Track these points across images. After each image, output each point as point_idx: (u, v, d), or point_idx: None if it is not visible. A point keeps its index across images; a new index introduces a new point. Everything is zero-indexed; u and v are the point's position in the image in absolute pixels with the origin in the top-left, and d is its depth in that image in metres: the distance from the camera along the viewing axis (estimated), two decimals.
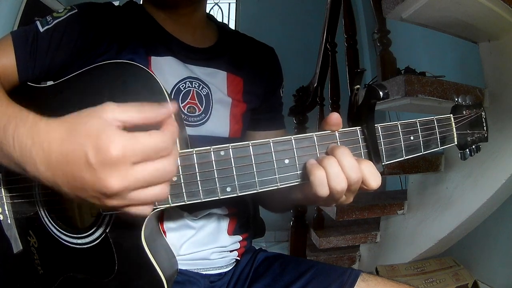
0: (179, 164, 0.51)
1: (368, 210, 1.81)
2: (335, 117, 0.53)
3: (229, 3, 3.88)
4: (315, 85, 2.12)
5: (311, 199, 0.55)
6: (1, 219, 0.66)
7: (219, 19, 3.56)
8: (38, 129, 0.44)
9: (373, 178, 0.51)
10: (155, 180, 0.42)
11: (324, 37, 2.09)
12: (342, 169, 0.49)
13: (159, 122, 0.44)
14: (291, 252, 2.05)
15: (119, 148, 0.40)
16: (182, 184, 0.51)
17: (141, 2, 0.82)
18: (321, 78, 2.12)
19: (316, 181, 0.50)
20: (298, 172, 0.53)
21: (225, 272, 0.81)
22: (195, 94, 0.75)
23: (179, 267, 0.68)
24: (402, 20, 1.43)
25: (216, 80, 0.79)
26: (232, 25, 3.76)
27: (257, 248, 0.89)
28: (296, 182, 0.53)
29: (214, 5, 3.82)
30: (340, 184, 0.50)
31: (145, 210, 0.45)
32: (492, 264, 1.66)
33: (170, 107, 0.44)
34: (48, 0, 2.69)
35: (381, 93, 0.49)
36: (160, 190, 0.43)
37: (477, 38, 1.55)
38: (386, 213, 1.86)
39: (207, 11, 0.88)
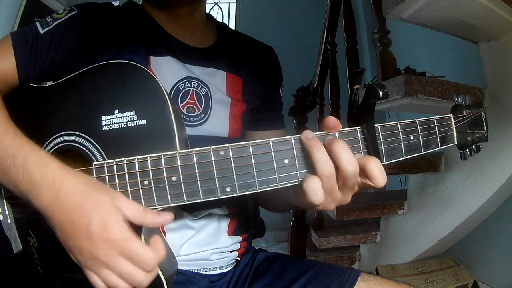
0: (179, 164, 0.51)
1: (368, 210, 1.81)
2: (332, 121, 0.52)
3: (229, 3, 3.87)
4: (315, 85, 2.12)
5: (308, 206, 0.54)
6: (1, 219, 0.66)
7: (219, 19, 3.56)
8: (50, 168, 0.49)
9: (381, 174, 0.50)
10: (125, 278, 0.47)
11: (324, 37, 2.09)
12: (339, 162, 0.49)
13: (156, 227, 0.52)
14: (291, 252, 2.05)
15: (118, 234, 0.46)
16: (182, 184, 0.51)
17: (140, 2, 0.82)
18: (321, 78, 2.12)
19: (309, 189, 0.49)
20: (298, 172, 0.52)
21: (225, 272, 0.81)
22: (194, 94, 0.75)
23: (179, 267, 0.68)
24: (402, 20, 1.43)
25: (216, 80, 0.79)
26: (232, 25, 3.75)
27: (257, 248, 0.89)
28: (296, 182, 0.52)
29: (214, 5, 3.82)
30: (328, 170, 0.49)
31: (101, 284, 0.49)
32: (492, 264, 1.66)
33: (167, 219, 0.50)
34: (48, 0, 2.69)
35: (380, 92, 0.49)
36: (121, 285, 0.48)
37: (477, 38, 1.55)
38: (386, 213, 1.86)
39: (207, 11, 0.88)
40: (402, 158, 0.56)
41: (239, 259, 0.84)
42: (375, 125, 0.54)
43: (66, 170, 0.50)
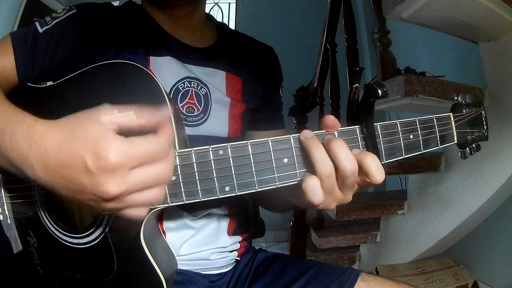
0: (178, 163, 0.51)
1: (368, 210, 1.81)
2: (331, 120, 0.52)
3: (229, 3, 3.87)
4: (315, 85, 2.12)
5: (308, 206, 0.54)
6: (1, 219, 0.66)
7: (219, 19, 3.56)
8: (35, 134, 0.45)
9: (379, 171, 0.49)
10: (152, 184, 0.44)
11: (324, 37, 2.09)
12: (338, 161, 0.49)
13: (156, 125, 0.44)
14: (291, 252, 2.05)
15: (117, 154, 0.40)
16: (181, 183, 0.51)
17: (140, 3, 0.82)
18: (321, 78, 2.13)
19: (308, 188, 0.49)
20: (297, 171, 0.52)
21: (225, 272, 0.81)
22: (193, 94, 0.75)
23: (178, 267, 0.68)
24: (402, 20, 1.44)
25: (215, 80, 0.79)
26: (232, 25, 3.75)
27: (257, 248, 0.89)
28: (295, 181, 0.52)
29: (214, 5, 3.82)
30: (327, 170, 0.49)
31: (141, 212, 0.46)
32: (492, 264, 1.66)
33: (166, 110, 0.45)
34: (48, 0, 2.69)
35: (379, 91, 0.49)
36: (156, 193, 0.44)
37: (477, 38, 1.55)
38: (386, 213, 1.86)
39: (207, 11, 0.88)
40: (402, 157, 0.56)
41: (239, 259, 0.84)
42: (375, 124, 0.54)
43: (46, 126, 0.45)
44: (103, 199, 0.42)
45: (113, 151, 0.40)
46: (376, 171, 0.49)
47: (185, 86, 0.74)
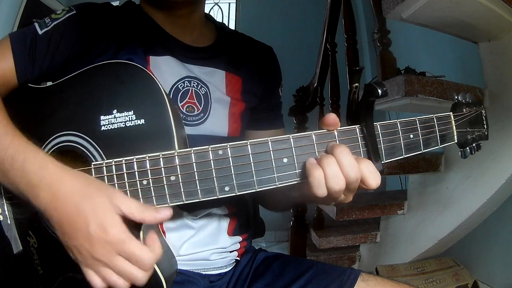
0: (177, 163, 0.51)
1: (368, 210, 1.81)
2: (332, 118, 0.53)
3: (229, 3, 3.87)
4: (315, 85, 2.12)
5: (310, 198, 0.55)
6: (1, 219, 0.66)
7: (219, 19, 3.55)
8: (48, 170, 0.50)
9: (372, 177, 0.50)
10: (124, 276, 0.49)
11: (324, 37, 2.09)
12: (341, 168, 0.49)
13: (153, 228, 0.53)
14: (291, 252, 2.05)
15: (116, 235, 0.47)
16: (180, 183, 0.51)
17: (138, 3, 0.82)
18: (321, 78, 2.12)
19: (315, 182, 0.50)
20: (297, 171, 0.52)
21: (225, 272, 0.81)
22: (193, 94, 0.75)
23: (178, 267, 0.68)
24: (402, 20, 1.43)
25: (215, 79, 0.79)
26: (232, 25, 3.75)
27: (257, 248, 0.89)
28: (295, 181, 0.52)
29: (214, 5, 3.82)
30: (339, 184, 0.50)
31: (98, 282, 0.50)
32: (492, 264, 1.66)
33: (166, 215, 0.50)
34: (48, 0, 2.69)
35: (379, 91, 0.49)
36: (120, 282, 0.49)
37: (477, 38, 1.55)
38: (386, 213, 1.86)
39: (207, 11, 0.88)
40: (402, 157, 0.56)
41: (239, 259, 0.84)
42: (375, 123, 0.54)
43: (64, 170, 0.50)
44: (89, 255, 0.48)
45: (114, 231, 0.47)
46: (370, 177, 0.50)
47: (185, 86, 0.74)
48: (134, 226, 0.51)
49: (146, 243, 0.50)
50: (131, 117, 0.55)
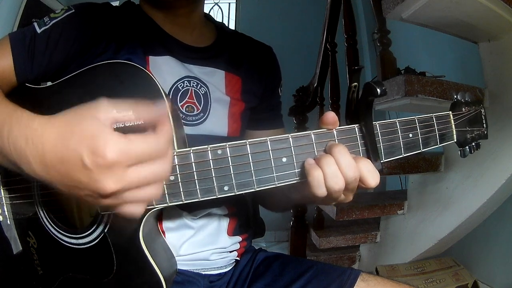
0: (176, 163, 0.51)
1: (368, 210, 1.81)
2: (331, 116, 0.53)
3: (229, 3, 3.87)
4: (315, 85, 2.12)
5: (309, 198, 0.55)
6: (1, 220, 0.66)
7: (219, 19, 3.54)
8: (32, 130, 0.45)
9: (371, 176, 0.50)
10: (150, 182, 0.43)
11: (324, 37, 2.09)
12: (339, 167, 0.49)
13: (154, 121, 0.45)
14: (291, 252, 2.05)
15: (114, 152, 0.40)
16: (180, 183, 0.51)
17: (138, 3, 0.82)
18: (321, 78, 2.13)
19: (314, 182, 0.50)
20: (296, 170, 0.52)
21: (225, 272, 0.81)
22: (193, 93, 0.75)
23: (178, 267, 0.68)
24: (402, 20, 1.43)
25: (214, 79, 0.79)
26: (232, 25, 3.75)
27: (257, 248, 0.89)
28: (294, 180, 0.52)
29: (214, 5, 3.82)
30: (338, 184, 0.50)
31: (139, 209, 0.45)
32: (492, 264, 1.66)
33: (164, 107, 0.45)
34: (48, 0, 2.69)
35: (378, 90, 0.49)
36: (154, 191, 0.44)
37: (477, 38, 1.55)
38: (386, 213, 1.86)
39: (207, 11, 0.88)
40: (401, 156, 0.56)
41: (238, 259, 0.84)
42: (374, 123, 0.54)
43: (46, 122, 0.45)
44: (100, 195, 0.42)
45: (110, 148, 0.40)
46: (368, 176, 0.50)
47: (185, 86, 0.74)
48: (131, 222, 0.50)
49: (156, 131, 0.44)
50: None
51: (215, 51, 0.81)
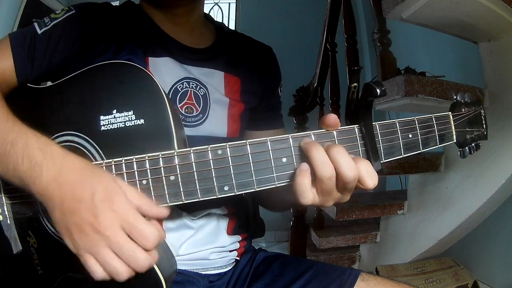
0: (177, 163, 0.51)
1: (368, 210, 1.81)
2: (332, 118, 0.53)
3: (229, 3, 3.87)
4: (315, 85, 2.12)
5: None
6: (1, 219, 0.66)
7: (219, 19, 3.54)
8: (52, 149, 0.49)
9: (369, 177, 0.50)
10: (125, 258, 0.46)
11: (324, 37, 2.09)
12: (338, 168, 0.49)
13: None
14: (291, 252, 2.05)
15: (123, 205, 0.46)
16: (180, 183, 0.51)
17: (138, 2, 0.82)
18: (321, 78, 2.12)
19: (299, 188, 0.50)
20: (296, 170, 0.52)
21: (225, 272, 0.81)
22: (192, 95, 0.75)
23: (178, 267, 0.68)
24: (402, 20, 1.43)
25: (213, 80, 0.79)
26: (232, 25, 3.75)
27: (257, 248, 0.89)
28: (292, 182, 0.52)
29: (214, 5, 3.82)
30: (328, 171, 0.49)
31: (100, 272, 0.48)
32: (492, 264, 1.66)
33: (164, 211, 0.50)
34: (48, 0, 2.69)
35: (378, 90, 0.49)
36: (119, 266, 0.47)
37: (477, 38, 1.55)
38: (386, 213, 1.86)
39: (207, 11, 0.88)
40: (401, 156, 0.56)
41: (238, 259, 0.84)
42: (373, 123, 0.54)
43: (67, 151, 0.50)
44: (90, 227, 0.46)
45: (122, 199, 0.46)
46: (367, 176, 0.50)
47: (184, 87, 0.74)
48: None
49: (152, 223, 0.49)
50: (131, 117, 0.56)
51: (214, 52, 0.81)
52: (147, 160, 0.52)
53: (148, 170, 0.52)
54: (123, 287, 0.59)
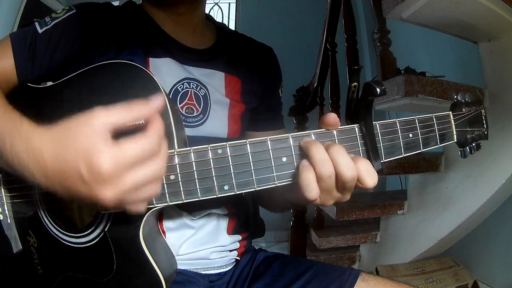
0: (177, 162, 0.51)
1: (368, 210, 1.81)
2: (332, 118, 0.53)
3: (229, 3, 3.88)
4: (315, 85, 2.12)
5: (304, 200, 0.54)
6: (1, 219, 0.66)
7: (219, 19, 3.53)
8: (32, 144, 0.47)
9: (369, 176, 0.50)
10: (147, 182, 0.45)
11: (324, 37, 2.09)
12: (337, 167, 0.49)
13: (149, 117, 0.46)
14: (291, 252, 2.05)
15: (109, 163, 0.42)
16: (180, 182, 0.51)
17: (140, 2, 0.82)
18: (321, 78, 2.12)
19: (303, 183, 0.50)
20: (296, 170, 0.52)
21: (225, 272, 0.81)
22: (193, 95, 0.75)
23: (178, 267, 0.68)
24: (402, 20, 1.44)
25: (214, 81, 0.79)
26: (232, 25, 3.75)
27: (257, 248, 0.89)
28: (294, 180, 0.52)
29: (214, 5, 3.82)
30: (328, 170, 0.49)
31: (140, 207, 0.47)
32: (492, 264, 1.66)
33: (156, 101, 0.46)
34: (48, 0, 2.69)
35: (378, 89, 0.49)
36: (153, 189, 0.46)
37: (477, 38, 1.55)
38: (386, 213, 1.86)
39: (207, 11, 0.88)
40: (401, 156, 0.56)
41: (238, 258, 0.84)
42: (374, 123, 0.54)
43: (41, 137, 0.47)
44: (101, 202, 0.44)
45: (104, 161, 0.42)
46: (366, 175, 0.50)
47: (184, 87, 0.74)
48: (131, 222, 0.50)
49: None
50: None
51: (215, 53, 0.81)
52: None
53: None
54: (124, 287, 0.59)
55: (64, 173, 0.44)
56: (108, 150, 0.42)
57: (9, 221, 0.66)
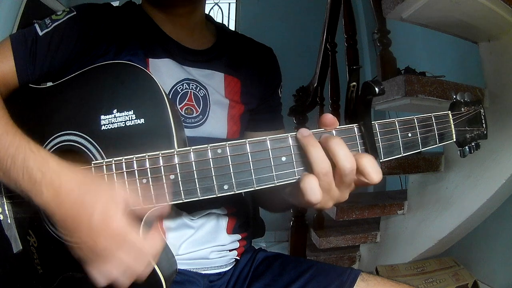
0: (177, 162, 0.51)
1: (368, 210, 1.81)
2: (329, 118, 0.52)
3: (229, 3, 3.88)
4: (315, 85, 2.12)
5: (306, 204, 0.54)
6: (1, 218, 0.66)
7: (219, 19, 3.54)
8: (49, 168, 0.50)
9: (374, 171, 0.49)
10: (124, 270, 0.48)
11: (324, 37, 2.10)
12: (336, 160, 0.49)
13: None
14: (291, 252, 2.05)
15: (119, 227, 0.47)
16: (180, 182, 0.51)
17: (140, 3, 0.82)
18: (321, 78, 2.13)
19: (308, 186, 0.50)
20: (295, 169, 0.52)
21: (225, 272, 0.81)
22: (192, 96, 0.75)
23: (178, 267, 0.68)
24: (402, 20, 1.44)
25: (214, 82, 0.79)
26: (232, 25, 3.75)
27: (257, 248, 0.89)
28: (293, 179, 0.52)
29: (214, 5, 3.82)
30: (325, 167, 0.49)
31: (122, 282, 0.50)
32: (492, 264, 1.66)
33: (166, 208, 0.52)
34: (48, 0, 2.69)
35: (376, 88, 0.49)
36: (122, 279, 0.49)
37: (477, 38, 1.55)
38: (386, 213, 1.86)
39: (207, 11, 0.88)
40: (400, 155, 0.56)
41: (238, 258, 0.84)
42: (373, 122, 0.54)
43: (64, 167, 0.50)
44: (91, 252, 0.48)
45: (117, 221, 0.47)
46: (372, 170, 0.49)
47: (184, 88, 0.74)
48: (135, 219, 0.51)
49: (149, 236, 0.50)
50: (131, 117, 0.56)
51: (215, 54, 0.82)
52: (147, 159, 0.52)
53: (148, 169, 0.52)
54: None
55: (77, 204, 0.47)
56: (124, 216, 0.48)
57: (9, 221, 0.66)
